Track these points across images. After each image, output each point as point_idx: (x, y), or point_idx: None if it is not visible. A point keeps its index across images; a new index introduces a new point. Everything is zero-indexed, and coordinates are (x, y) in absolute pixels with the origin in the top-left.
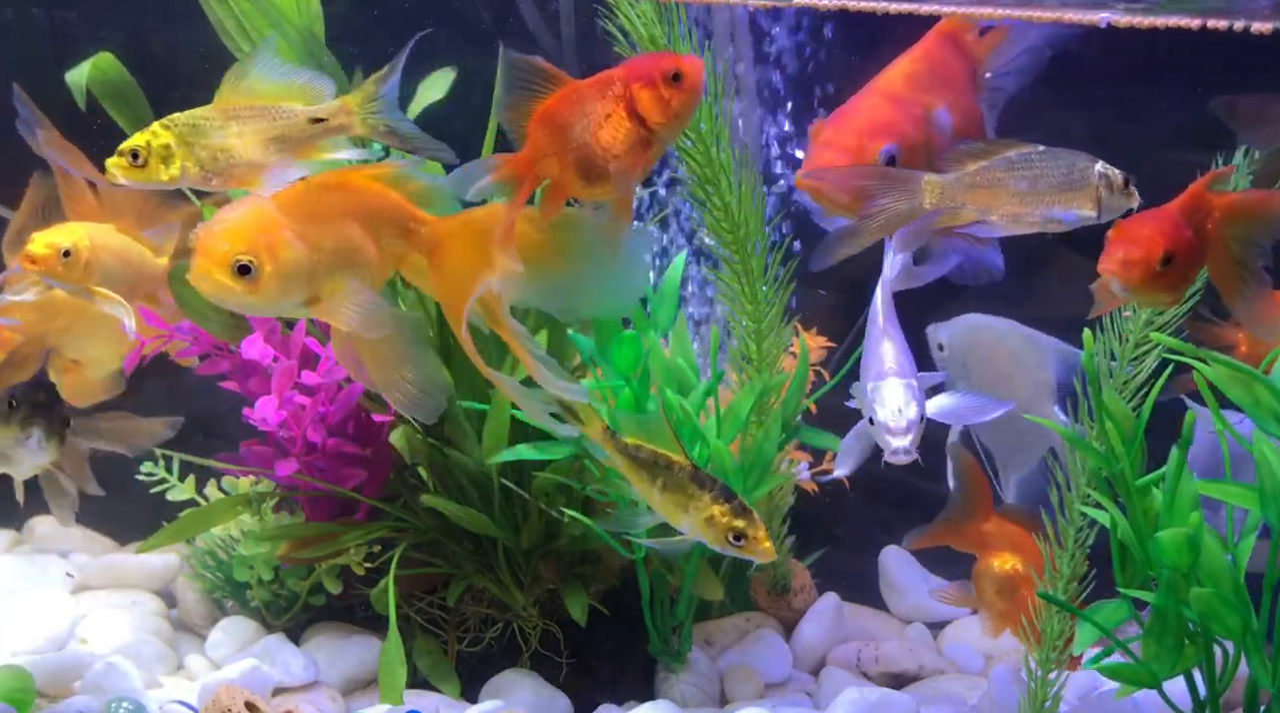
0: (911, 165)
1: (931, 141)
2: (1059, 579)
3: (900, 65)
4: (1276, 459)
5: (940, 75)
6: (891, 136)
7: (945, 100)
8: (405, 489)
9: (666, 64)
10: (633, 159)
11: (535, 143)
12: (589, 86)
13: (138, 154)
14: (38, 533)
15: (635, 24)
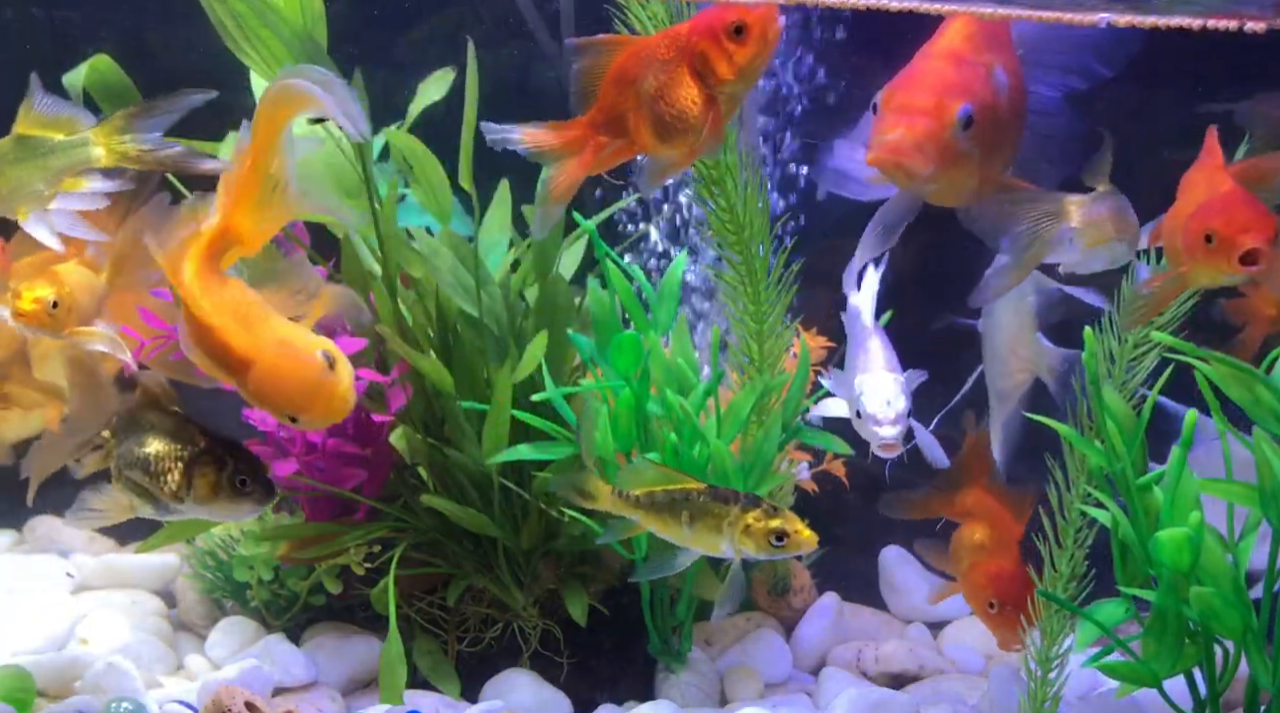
0: (985, 125)
1: (998, 100)
2: (1059, 578)
3: (955, 27)
4: (1276, 459)
5: (994, 36)
6: (966, 96)
7: (1001, 60)
8: (405, 489)
9: (730, 17)
10: (700, 118)
11: (604, 105)
12: (653, 44)
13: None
14: (38, 533)
15: (647, 25)
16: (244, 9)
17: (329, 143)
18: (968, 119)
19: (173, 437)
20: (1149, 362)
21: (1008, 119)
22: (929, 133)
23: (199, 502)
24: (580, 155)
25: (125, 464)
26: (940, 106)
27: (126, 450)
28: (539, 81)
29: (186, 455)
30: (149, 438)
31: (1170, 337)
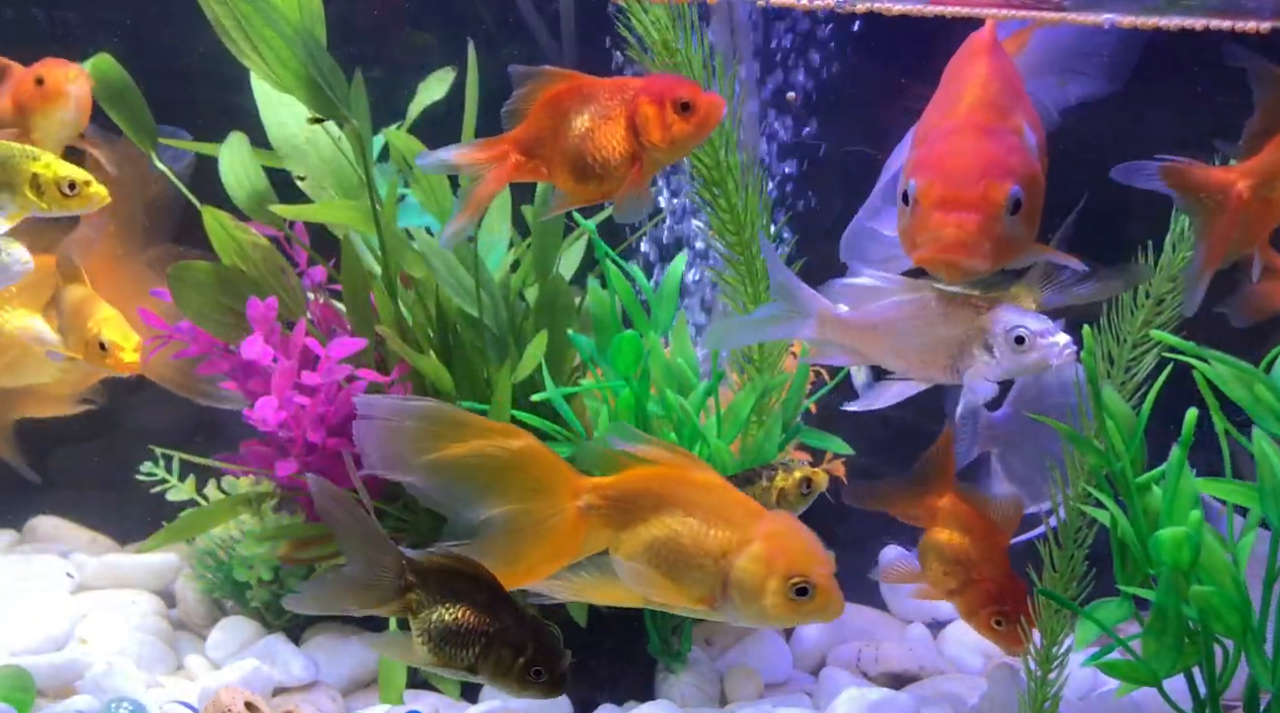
0: (1033, 200)
1: (1036, 168)
2: (1058, 578)
3: (973, 90)
4: (1277, 458)
5: (1013, 91)
6: (1010, 177)
7: (1026, 119)
8: (405, 489)
9: (681, 91)
10: (620, 169)
11: (532, 124)
12: (601, 86)
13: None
14: (38, 533)
15: (649, 28)
16: (244, 9)
17: (329, 142)
18: (1016, 203)
19: (482, 610)
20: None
21: (1041, 178)
22: (982, 228)
23: (488, 677)
24: (499, 169)
25: (431, 625)
26: (987, 197)
27: (436, 614)
28: None
29: (490, 631)
30: (458, 605)
31: (1170, 337)
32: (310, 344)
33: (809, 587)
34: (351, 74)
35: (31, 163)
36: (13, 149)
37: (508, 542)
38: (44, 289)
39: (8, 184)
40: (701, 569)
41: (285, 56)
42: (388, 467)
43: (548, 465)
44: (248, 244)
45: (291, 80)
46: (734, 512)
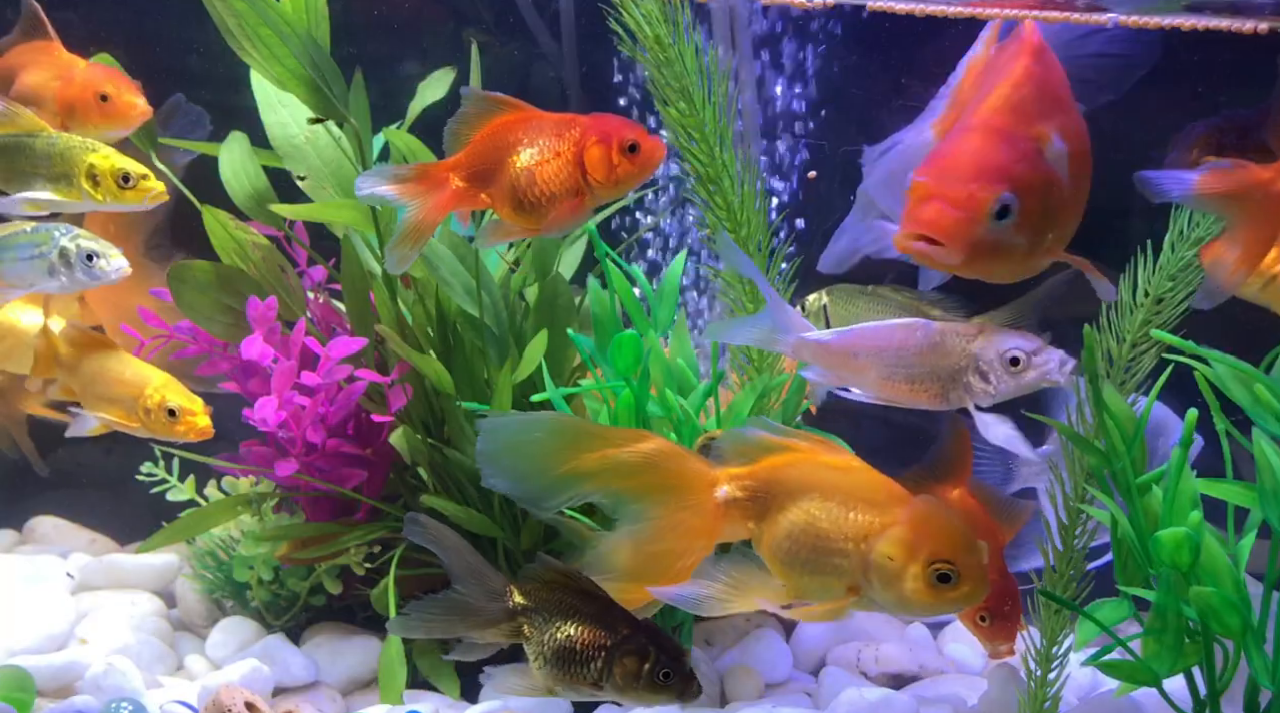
0: (1030, 212)
1: (1050, 180)
2: (1059, 578)
3: (1001, 90)
4: (1277, 458)
5: (1048, 96)
6: (1005, 182)
7: (1057, 126)
8: (405, 489)
9: (628, 133)
10: (563, 203)
11: (476, 152)
12: (548, 121)
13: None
14: (38, 533)
15: (641, 24)
16: (245, 8)
17: (329, 142)
18: (1003, 210)
19: (596, 622)
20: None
21: (1068, 192)
22: (957, 225)
23: (616, 690)
24: (437, 197)
25: (546, 647)
26: (972, 197)
27: (550, 634)
28: (539, 81)
29: (609, 643)
30: (572, 623)
31: (1171, 337)
32: (310, 344)
33: (952, 573)
34: (351, 74)
35: (89, 154)
36: (71, 141)
37: (651, 546)
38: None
39: (64, 175)
40: (843, 555)
41: (282, 55)
42: (518, 481)
43: (682, 462)
44: (248, 244)
45: (289, 79)
46: (875, 494)
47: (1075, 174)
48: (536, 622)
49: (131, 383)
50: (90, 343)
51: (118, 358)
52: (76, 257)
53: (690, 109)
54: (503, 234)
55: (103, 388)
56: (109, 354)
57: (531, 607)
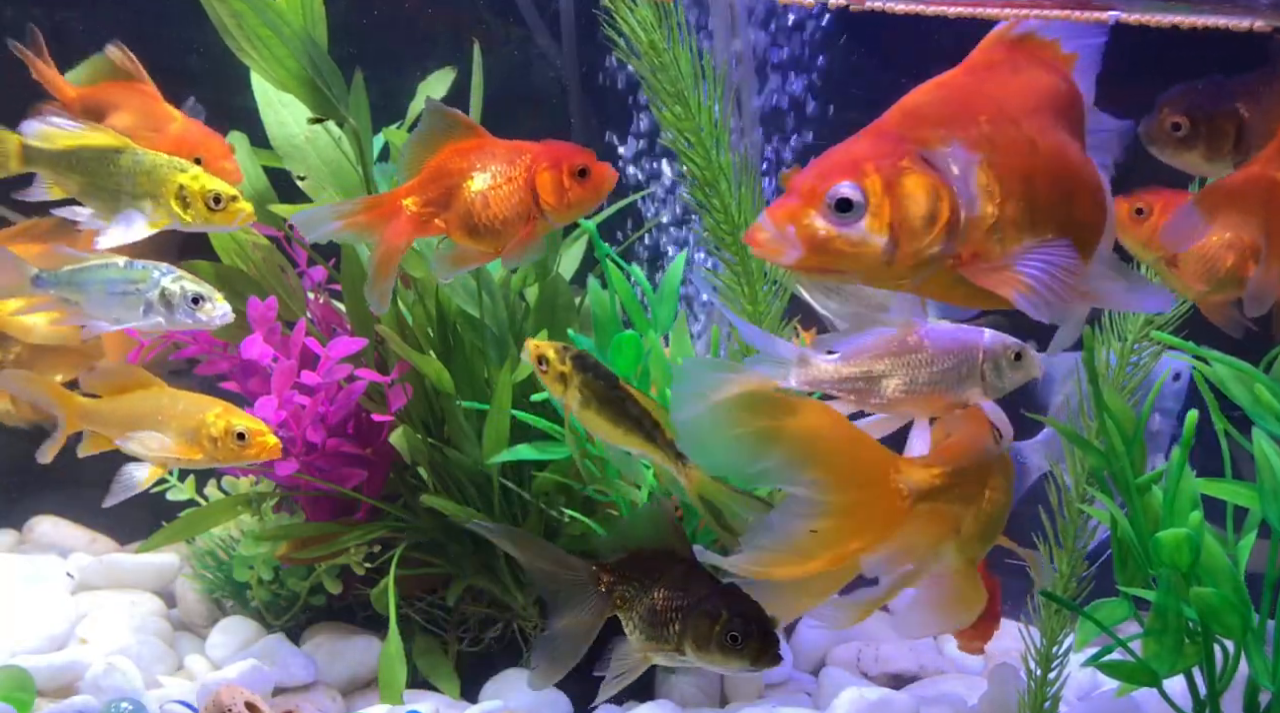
0: (894, 213)
1: (931, 185)
2: (1059, 578)
3: (910, 98)
4: (1277, 458)
5: (966, 106)
6: (851, 175)
7: (969, 135)
8: (405, 489)
9: (579, 159)
10: (515, 229)
11: (429, 179)
12: (500, 148)
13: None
14: (38, 533)
15: (635, 29)
16: (244, 8)
17: (329, 142)
18: (843, 202)
19: (677, 585)
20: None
21: (983, 210)
22: (789, 212)
23: (694, 652)
24: (394, 226)
25: (636, 614)
26: (812, 188)
27: (639, 602)
28: (539, 81)
29: (683, 604)
30: (655, 588)
31: (1171, 337)
32: (310, 344)
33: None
34: (351, 74)
35: (179, 174)
36: (159, 159)
37: (826, 523)
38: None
39: (151, 194)
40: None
41: (282, 55)
42: (693, 429)
43: (868, 450)
44: (248, 244)
45: (288, 79)
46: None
47: (1008, 194)
48: (628, 593)
49: (188, 413)
50: (126, 381)
51: (160, 389)
52: (181, 298)
53: (686, 113)
54: (459, 261)
55: (153, 425)
56: (149, 387)
57: (620, 580)
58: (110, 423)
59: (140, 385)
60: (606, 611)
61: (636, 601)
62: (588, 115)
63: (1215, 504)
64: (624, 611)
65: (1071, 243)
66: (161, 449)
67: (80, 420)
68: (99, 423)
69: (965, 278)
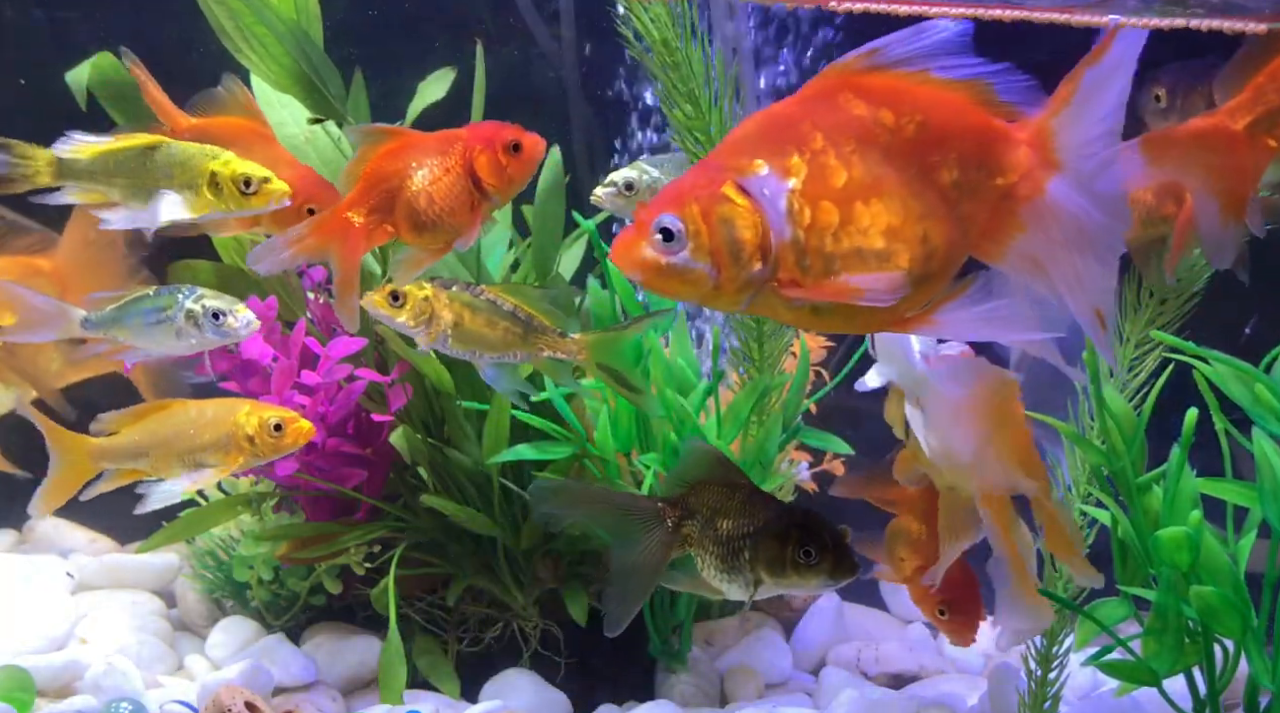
0: (711, 240)
1: (734, 213)
2: (1059, 578)
3: (746, 120)
4: (1277, 458)
5: (787, 131)
6: (673, 206)
7: (783, 163)
8: (405, 489)
9: (508, 134)
10: (462, 215)
11: (369, 186)
12: (430, 140)
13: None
14: (38, 533)
15: (649, 27)
16: (240, 8)
17: (329, 142)
18: (665, 232)
19: (741, 512)
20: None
21: (806, 236)
22: (624, 240)
23: (769, 578)
24: (345, 242)
25: (707, 547)
26: (644, 220)
27: (707, 534)
28: (539, 81)
29: (750, 531)
30: (722, 518)
31: (1171, 337)
32: (310, 344)
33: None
34: (351, 74)
35: (210, 162)
36: (191, 149)
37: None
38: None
39: (189, 185)
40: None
41: (278, 54)
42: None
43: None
44: (248, 243)
45: (286, 78)
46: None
47: (819, 223)
48: (696, 527)
49: (218, 420)
50: (149, 406)
51: (183, 406)
52: (204, 316)
53: (697, 112)
54: (415, 264)
55: (187, 442)
56: (171, 406)
57: (687, 514)
58: (135, 455)
59: (162, 405)
60: (674, 547)
61: (703, 535)
62: (587, 115)
63: (1215, 504)
64: (694, 548)
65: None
66: (203, 476)
67: (98, 462)
68: (122, 458)
69: (791, 301)
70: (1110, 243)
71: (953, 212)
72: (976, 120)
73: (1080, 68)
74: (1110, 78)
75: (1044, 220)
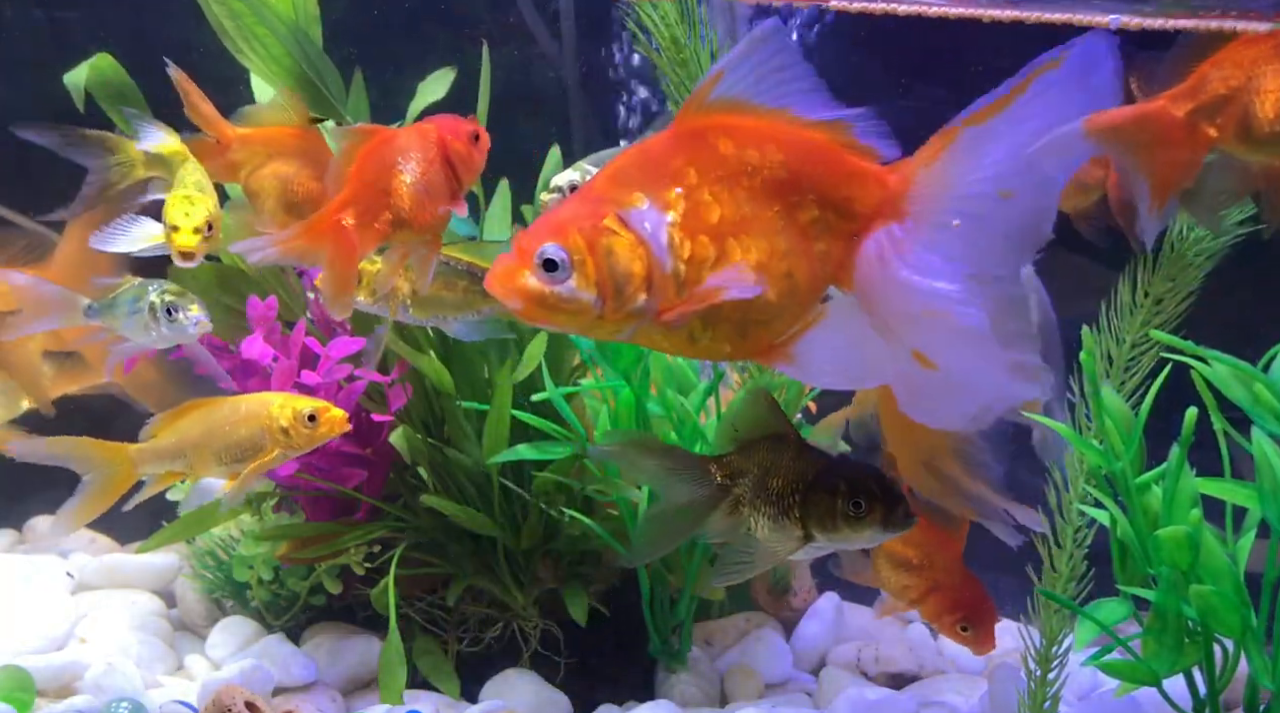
0: (598, 273)
1: (623, 246)
2: (1058, 578)
3: (623, 154)
4: (1276, 458)
5: (661, 165)
6: (556, 237)
7: (661, 197)
8: (405, 489)
9: (468, 126)
10: (447, 204)
11: (358, 184)
12: (408, 136)
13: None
14: (38, 533)
15: (658, 24)
16: (241, 7)
17: None
18: (549, 262)
19: (788, 470)
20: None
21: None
22: (505, 273)
23: (822, 534)
24: (339, 245)
25: (760, 509)
26: (524, 249)
27: (757, 495)
28: (539, 81)
29: (799, 486)
30: (770, 477)
31: (1170, 337)
32: (310, 344)
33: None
34: (351, 74)
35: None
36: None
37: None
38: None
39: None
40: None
41: (279, 54)
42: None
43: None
44: None
45: (286, 77)
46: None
47: (695, 255)
48: (746, 488)
49: (252, 414)
50: (184, 407)
51: (217, 403)
52: (160, 310)
53: None
54: (425, 263)
55: (223, 439)
56: (204, 404)
57: (737, 473)
58: (173, 457)
59: (189, 409)
60: (723, 506)
61: (755, 496)
62: (587, 115)
63: (1215, 504)
64: (745, 508)
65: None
66: (250, 471)
67: (139, 468)
68: (162, 461)
69: (669, 328)
70: (931, 302)
71: (811, 248)
72: (834, 162)
73: (961, 124)
74: (993, 139)
75: (873, 267)
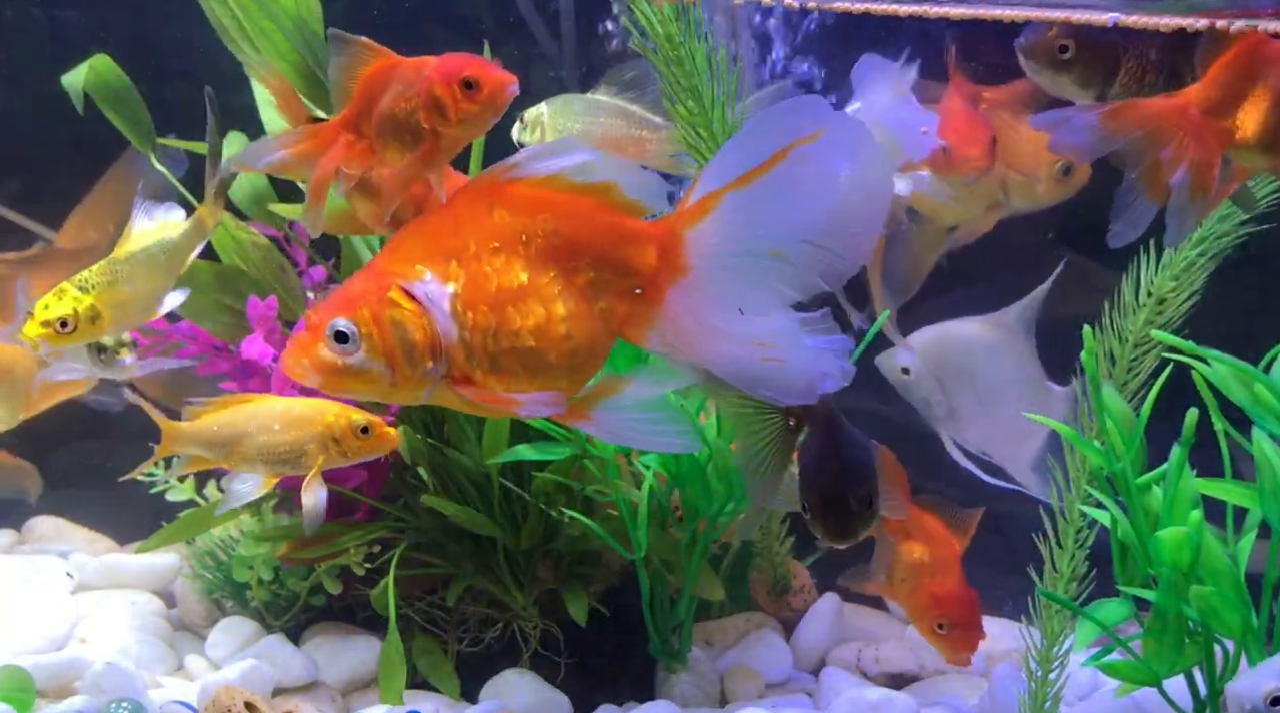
0: (382, 345)
1: (405, 318)
2: (1059, 578)
3: (406, 228)
4: (1277, 458)
5: (442, 238)
6: (345, 311)
7: (441, 269)
8: (405, 489)
9: (467, 69)
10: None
11: (358, 102)
12: (407, 66)
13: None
14: (38, 533)
15: (652, 21)
16: (247, 2)
17: None
18: (340, 336)
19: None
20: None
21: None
22: (302, 347)
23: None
24: (330, 152)
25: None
26: (316, 325)
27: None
28: (539, 81)
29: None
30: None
31: (1171, 337)
32: None
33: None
34: None
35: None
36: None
37: None
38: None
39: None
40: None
41: (284, 50)
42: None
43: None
44: (248, 244)
45: (289, 73)
46: None
47: (477, 325)
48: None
49: (305, 419)
50: (233, 398)
51: (269, 401)
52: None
53: (699, 108)
54: (401, 183)
55: (269, 438)
56: (256, 400)
57: (800, 421)
58: (212, 444)
59: (239, 400)
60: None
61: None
62: None
63: (1215, 504)
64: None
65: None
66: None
67: (173, 445)
68: (199, 445)
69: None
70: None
71: (592, 308)
72: (606, 223)
73: (724, 189)
74: (756, 203)
75: (666, 321)
